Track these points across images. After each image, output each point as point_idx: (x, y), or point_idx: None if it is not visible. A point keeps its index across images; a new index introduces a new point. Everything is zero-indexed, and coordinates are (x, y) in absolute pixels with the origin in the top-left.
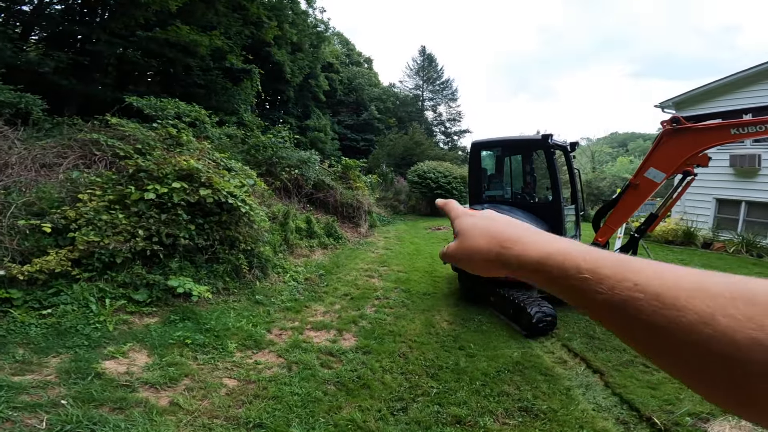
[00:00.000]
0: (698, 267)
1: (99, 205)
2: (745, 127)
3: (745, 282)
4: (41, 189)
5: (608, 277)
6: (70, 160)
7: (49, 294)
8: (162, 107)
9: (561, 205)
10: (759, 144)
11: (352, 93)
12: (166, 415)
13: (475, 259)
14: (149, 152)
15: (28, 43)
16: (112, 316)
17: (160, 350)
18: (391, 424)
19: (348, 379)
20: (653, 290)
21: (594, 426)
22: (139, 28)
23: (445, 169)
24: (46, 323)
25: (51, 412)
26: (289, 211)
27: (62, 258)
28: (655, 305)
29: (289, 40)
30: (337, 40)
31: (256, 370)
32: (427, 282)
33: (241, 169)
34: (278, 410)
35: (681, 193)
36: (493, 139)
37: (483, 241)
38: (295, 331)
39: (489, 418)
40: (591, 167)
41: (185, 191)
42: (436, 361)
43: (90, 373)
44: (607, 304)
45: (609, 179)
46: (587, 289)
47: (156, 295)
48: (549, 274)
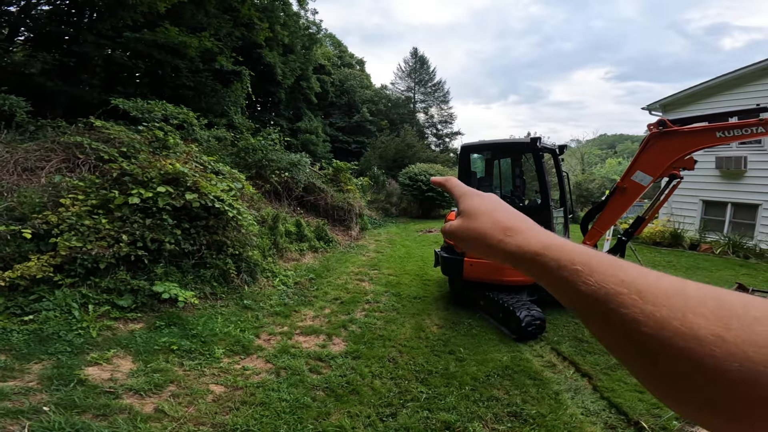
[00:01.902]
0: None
1: (81, 209)
2: (731, 130)
3: (719, 289)
4: (22, 193)
5: (598, 272)
6: (52, 164)
7: (31, 300)
8: (149, 109)
9: (550, 207)
10: (745, 146)
11: (344, 95)
12: (151, 421)
13: (478, 241)
14: (134, 155)
15: (15, 44)
16: (96, 322)
17: (145, 356)
18: (380, 430)
19: (337, 385)
20: (636, 287)
21: (582, 431)
22: (126, 29)
23: (436, 171)
24: (28, 329)
25: (33, 418)
26: (278, 215)
27: (44, 264)
28: (635, 300)
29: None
30: (329, 41)
31: (243, 376)
32: (417, 285)
33: (230, 173)
34: (266, 417)
35: (667, 196)
36: (482, 142)
37: (488, 225)
38: (284, 336)
39: (478, 424)
40: (581, 169)
41: (170, 195)
42: (425, 366)
43: (72, 379)
44: (593, 296)
45: (598, 181)
46: (577, 280)
47: (141, 300)
48: (545, 264)
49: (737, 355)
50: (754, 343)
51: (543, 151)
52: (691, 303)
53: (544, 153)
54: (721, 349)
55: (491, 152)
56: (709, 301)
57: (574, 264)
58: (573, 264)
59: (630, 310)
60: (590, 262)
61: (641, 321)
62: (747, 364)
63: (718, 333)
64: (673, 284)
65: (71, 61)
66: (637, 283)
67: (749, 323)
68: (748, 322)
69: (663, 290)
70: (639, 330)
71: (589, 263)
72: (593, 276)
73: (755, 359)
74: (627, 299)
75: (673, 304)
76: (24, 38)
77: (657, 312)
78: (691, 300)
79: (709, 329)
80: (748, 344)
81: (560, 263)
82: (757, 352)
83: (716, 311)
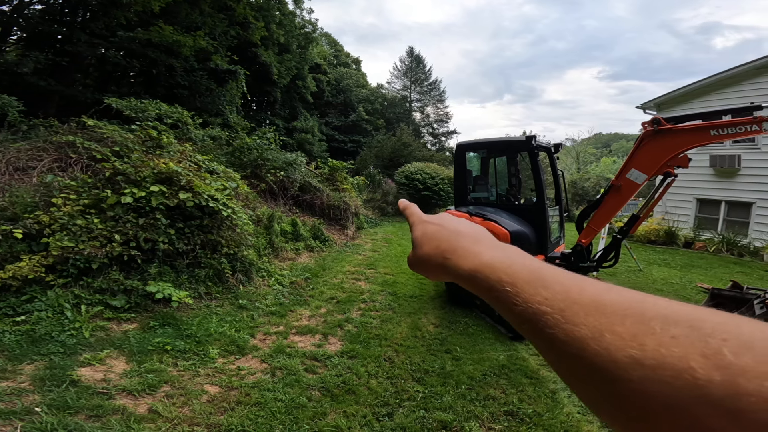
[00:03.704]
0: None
1: (74, 209)
2: (725, 128)
3: (642, 300)
4: (14, 193)
5: (524, 291)
6: (44, 163)
7: (23, 301)
8: (142, 108)
9: (545, 206)
10: (738, 145)
11: (340, 94)
12: (145, 422)
13: (426, 266)
14: (127, 155)
15: (7, 43)
16: (89, 322)
17: (139, 357)
18: (377, 430)
19: (333, 385)
20: (558, 305)
21: (579, 430)
22: (120, 28)
23: (432, 170)
24: (20, 330)
25: (25, 419)
26: (274, 214)
27: (36, 264)
28: (558, 319)
29: (277, 41)
30: (325, 40)
31: (238, 376)
32: (413, 284)
33: (224, 172)
34: (261, 417)
35: (662, 194)
36: (477, 140)
37: (430, 250)
38: (280, 336)
39: (475, 423)
40: (576, 168)
41: (164, 195)
42: (422, 365)
43: (65, 380)
44: (522, 316)
45: (593, 179)
46: (507, 301)
47: (134, 301)
48: (479, 285)
49: (654, 380)
50: (670, 367)
51: (538, 150)
52: (609, 320)
53: (539, 151)
54: (638, 372)
55: (487, 151)
56: (627, 318)
57: (502, 284)
58: (502, 284)
59: (554, 330)
60: (516, 281)
61: (564, 341)
62: (665, 390)
63: (631, 355)
64: (595, 297)
65: (64, 61)
66: (559, 300)
67: (667, 343)
68: (666, 342)
69: (583, 306)
70: (563, 350)
71: (515, 283)
72: (519, 296)
73: (674, 384)
74: (551, 319)
75: (591, 323)
76: (17, 38)
77: (576, 331)
78: (610, 316)
79: (624, 351)
80: (663, 368)
81: (491, 284)
82: (676, 376)
83: (632, 328)
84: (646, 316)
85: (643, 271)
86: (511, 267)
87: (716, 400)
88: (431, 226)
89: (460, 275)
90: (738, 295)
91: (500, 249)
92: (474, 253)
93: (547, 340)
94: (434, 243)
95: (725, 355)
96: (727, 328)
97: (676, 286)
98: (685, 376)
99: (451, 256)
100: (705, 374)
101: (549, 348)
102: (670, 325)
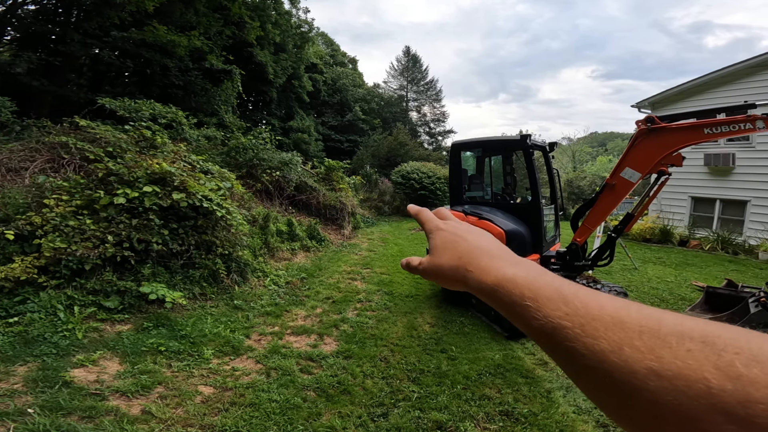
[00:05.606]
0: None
1: (66, 210)
2: (719, 126)
3: (658, 316)
4: (6, 194)
5: (545, 306)
6: (37, 164)
7: (15, 302)
8: (136, 108)
9: (540, 205)
10: (733, 143)
11: (337, 94)
12: (138, 423)
13: (444, 277)
14: (120, 155)
15: (1, 43)
16: (82, 323)
17: (133, 358)
18: (372, 430)
19: (328, 385)
20: (579, 319)
21: (574, 429)
22: (114, 28)
23: (428, 169)
24: (13, 331)
25: (18, 421)
26: (269, 214)
27: (28, 265)
28: (578, 333)
29: (272, 41)
30: (322, 40)
31: (233, 377)
32: (409, 284)
33: (219, 172)
34: (255, 418)
35: (656, 192)
36: (473, 139)
37: (453, 262)
38: (275, 337)
39: (470, 423)
40: (572, 166)
41: (157, 195)
42: (417, 365)
43: (58, 381)
44: (542, 330)
45: (589, 178)
46: (528, 315)
47: (128, 302)
48: (500, 300)
49: (670, 390)
50: (686, 377)
51: (533, 149)
52: (627, 335)
53: (534, 150)
54: (655, 383)
55: (482, 150)
56: (645, 333)
57: (524, 299)
58: (523, 299)
59: (574, 343)
60: (538, 296)
61: (584, 354)
62: (681, 398)
63: (649, 366)
64: (614, 314)
65: (57, 60)
66: (580, 315)
67: (682, 356)
68: (682, 355)
69: (603, 321)
70: (583, 363)
71: (537, 298)
72: (540, 310)
73: (689, 393)
74: (570, 333)
75: (611, 337)
76: (10, 38)
77: (596, 345)
78: (628, 331)
79: (643, 363)
80: (680, 378)
81: (512, 299)
82: (691, 386)
83: (650, 342)
84: (663, 332)
85: (638, 270)
86: (533, 283)
87: (729, 408)
88: (450, 236)
89: (482, 289)
90: (733, 294)
91: (521, 265)
92: (496, 268)
93: (566, 352)
94: (455, 254)
95: (737, 367)
96: (738, 343)
97: (671, 284)
98: (700, 385)
99: (474, 269)
100: (718, 384)
101: (568, 360)
102: (685, 339)
